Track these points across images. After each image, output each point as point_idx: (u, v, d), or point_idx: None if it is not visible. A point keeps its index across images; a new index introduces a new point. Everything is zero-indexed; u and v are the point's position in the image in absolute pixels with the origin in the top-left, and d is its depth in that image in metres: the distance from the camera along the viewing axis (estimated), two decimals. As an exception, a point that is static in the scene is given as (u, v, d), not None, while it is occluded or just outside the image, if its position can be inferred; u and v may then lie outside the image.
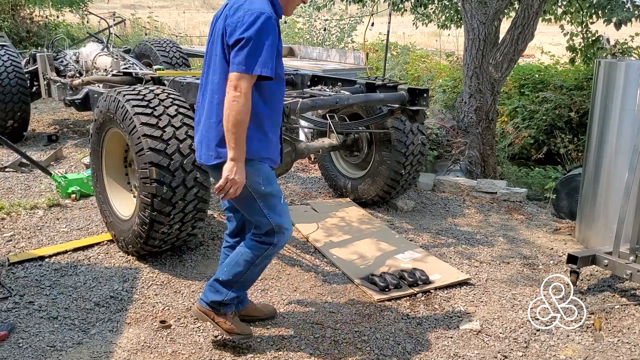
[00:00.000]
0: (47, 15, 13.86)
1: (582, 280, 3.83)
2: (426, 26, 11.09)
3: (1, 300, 3.31)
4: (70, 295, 3.40)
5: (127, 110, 3.54)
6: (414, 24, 10.71)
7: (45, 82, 6.90)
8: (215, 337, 3.00)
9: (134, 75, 5.36)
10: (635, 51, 8.73)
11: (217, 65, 2.65)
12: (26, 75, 6.82)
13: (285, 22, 12.10)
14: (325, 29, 11.70)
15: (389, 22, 7.80)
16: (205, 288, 2.95)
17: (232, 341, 2.95)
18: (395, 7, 8.82)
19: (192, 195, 3.56)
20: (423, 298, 3.56)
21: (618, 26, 6.64)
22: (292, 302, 3.46)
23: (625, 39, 8.80)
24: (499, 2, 6.30)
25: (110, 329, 3.09)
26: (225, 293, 2.88)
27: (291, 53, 8.65)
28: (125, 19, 12.89)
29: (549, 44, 13.11)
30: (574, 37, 8.57)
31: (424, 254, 4.14)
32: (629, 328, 3.29)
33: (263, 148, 2.71)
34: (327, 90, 4.22)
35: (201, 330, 3.11)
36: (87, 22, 14.32)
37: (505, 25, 6.83)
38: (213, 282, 2.90)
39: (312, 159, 5.89)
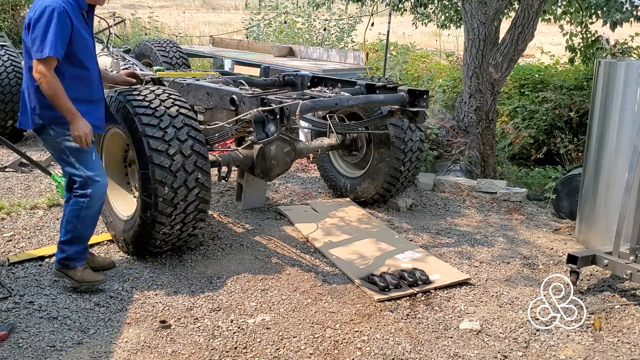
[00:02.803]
0: (47, 15, 13.84)
1: (582, 280, 3.83)
2: (426, 26, 11.09)
3: (1, 300, 3.31)
4: (70, 295, 3.40)
5: (129, 111, 3.54)
6: (413, 23, 10.71)
7: (45, 82, 6.90)
8: (72, 286, 3.41)
9: (133, 75, 5.35)
10: (635, 51, 8.74)
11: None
12: (26, 76, 6.83)
13: (285, 22, 12.09)
14: (325, 29, 11.70)
15: (389, 22, 7.81)
16: (55, 251, 3.47)
17: (85, 287, 3.42)
18: (395, 7, 8.82)
19: (193, 195, 3.56)
20: (423, 298, 3.57)
21: (613, 27, 6.64)
22: (292, 302, 3.46)
23: (625, 39, 8.81)
24: (499, 2, 6.30)
25: (110, 329, 3.09)
26: (67, 249, 3.38)
27: (291, 53, 8.64)
28: (125, 19, 12.89)
29: (549, 44, 13.11)
30: (573, 37, 8.57)
31: (423, 254, 4.14)
32: (629, 328, 3.30)
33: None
34: (327, 91, 4.22)
35: (201, 330, 3.12)
36: (87, 22, 14.30)
37: (505, 25, 6.83)
38: (58, 244, 3.43)
39: (311, 158, 5.90)
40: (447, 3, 9.51)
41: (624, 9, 6.69)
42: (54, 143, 3.31)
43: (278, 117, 3.56)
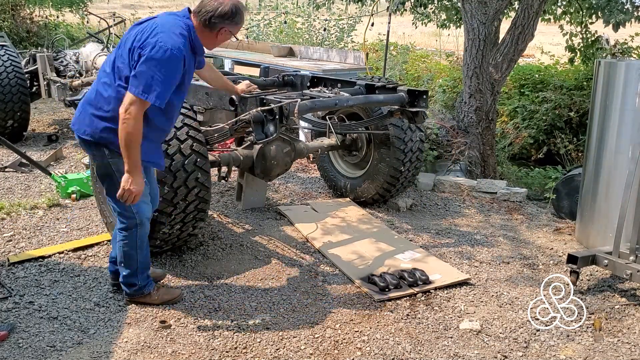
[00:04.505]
0: (47, 16, 13.86)
1: (582, 280, 3.83)
2: (426, 26, 11.09)
3: (1, 300, 3.31)
4: (70, 295, 3.40)
5: (127, 111, 3.53)
6: (413, 24, 10.71)
7: (45, 83, 6.90)
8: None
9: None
10: (635, 51, 8.74)
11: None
12: (26, 76, 6.83)
13: (285, 22, 12.09)
14: (324, 29, 11.70)
15: (389, 22, 7.81)
16: (123, 287, 3.33)
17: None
18: (395, 8, 8.81)
19: (193, 195, 3.56)
20: (423, 298, 3.56)
21: (616, 27, 6.64)
22: (292, 302, 3.46)
23: (625, 39, 8.81)
24: (499, 2, 6.29)
25: (110, 329, 3.09)
26: (138, 280, 3.27)
27: (291, 53, 8.64)
28: (125, 19, 12.86)
29: (549, 44, 13.11)
30: (573, 37, 8.57)
31: (423, 254, 4.14)
32: (629, 328, 3.30)
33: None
34: (327, 91, 4.22)
35: (201, 330, 3.12)
36: (87, 22, 14.33)
37: (505, 25, 6.82)
38: (123, 280, 3.28)
39: (311, 159, 5.90)
40: (447, 3, 9.51)
41: (625, 10, 6.69)
42: (106, 162, 3.04)
43: (277, 117, 3.56)
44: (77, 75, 6.70)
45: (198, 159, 3.55)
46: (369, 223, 4.69)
